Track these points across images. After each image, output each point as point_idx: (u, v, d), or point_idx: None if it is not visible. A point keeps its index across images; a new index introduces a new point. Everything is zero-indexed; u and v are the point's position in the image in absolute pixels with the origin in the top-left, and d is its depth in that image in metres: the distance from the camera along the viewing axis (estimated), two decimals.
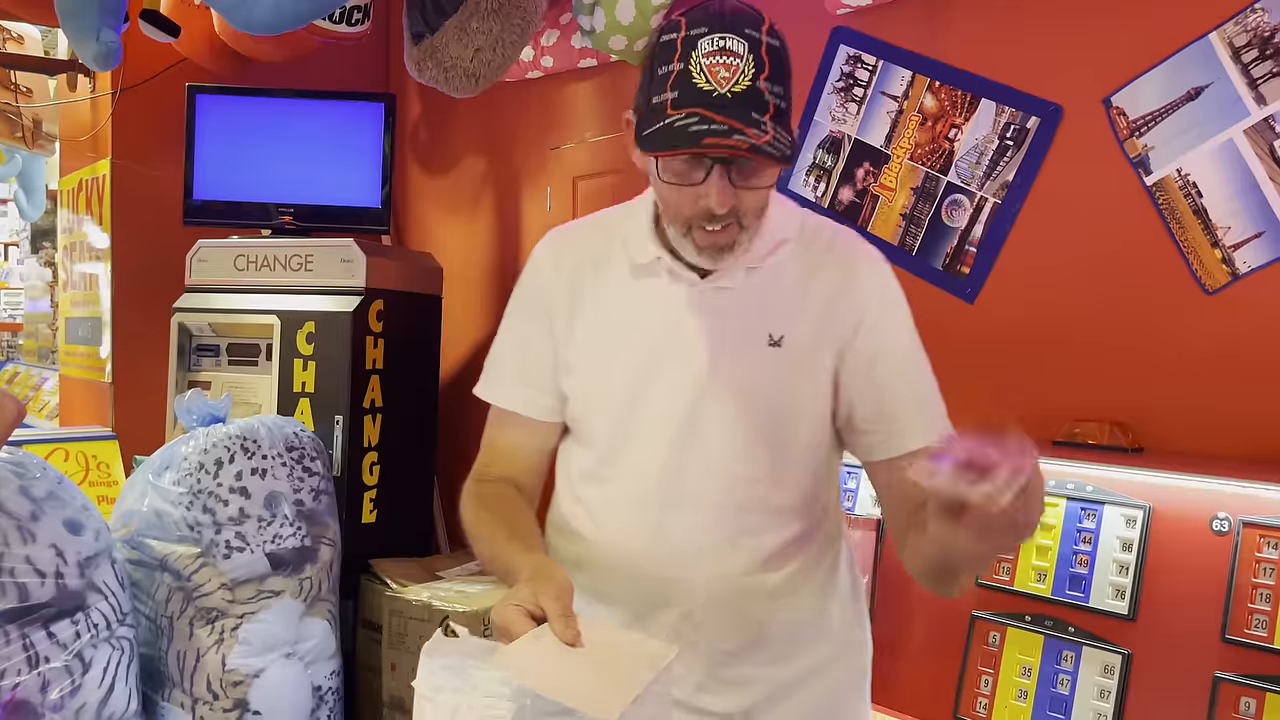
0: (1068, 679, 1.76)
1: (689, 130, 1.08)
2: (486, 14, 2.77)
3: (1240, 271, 1.74)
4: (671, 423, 1.26)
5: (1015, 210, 2.05)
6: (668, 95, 1.12)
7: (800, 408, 1.28)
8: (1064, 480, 1.87)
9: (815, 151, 2.44)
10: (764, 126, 1.09)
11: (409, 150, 3.99)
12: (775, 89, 1.11)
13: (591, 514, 1.33)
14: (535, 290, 1.36)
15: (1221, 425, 1.76)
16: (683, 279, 1.26)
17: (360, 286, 2.98)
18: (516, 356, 1.37)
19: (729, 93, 1.09)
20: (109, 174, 3.55)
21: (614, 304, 1.30)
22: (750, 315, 1.26)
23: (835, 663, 1.37)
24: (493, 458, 1.39)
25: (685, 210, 1.18)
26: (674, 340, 1.26)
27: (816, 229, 1.32)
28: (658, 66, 1.14)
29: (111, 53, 2.64)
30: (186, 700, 2.35)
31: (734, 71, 1.10)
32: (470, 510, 1.33)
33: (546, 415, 1.36)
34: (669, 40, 1.14)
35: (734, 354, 1.25)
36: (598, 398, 1.31)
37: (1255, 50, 1.71)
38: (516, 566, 1.14)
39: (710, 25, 1.11)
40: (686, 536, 1.26)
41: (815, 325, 1.27)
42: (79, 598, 2.13)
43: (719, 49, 1.10)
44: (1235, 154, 1.74)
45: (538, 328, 1.34)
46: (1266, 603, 1.57)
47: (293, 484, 2.51)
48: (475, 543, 1.30)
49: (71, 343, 4.02)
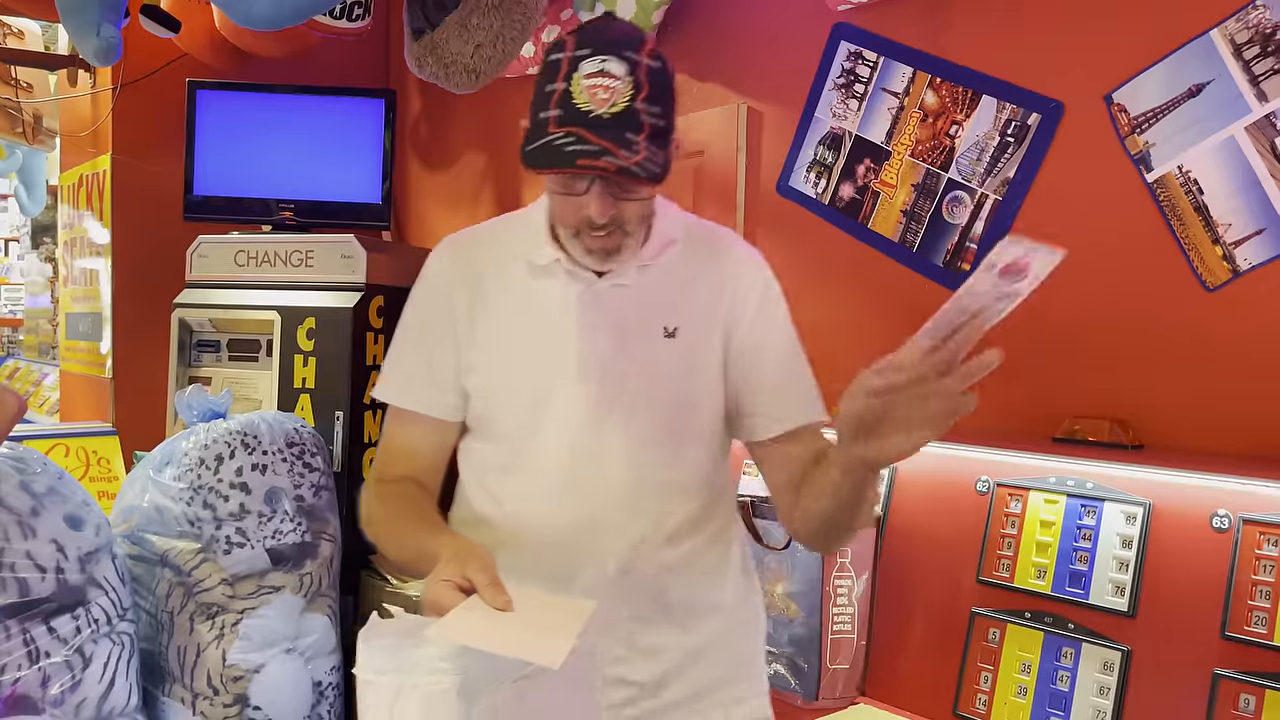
0: (1067, 675, 1.76)
1: (564, 150, 1.16)
2: (487, 10, 2.77)
3: (1241, 268, 1.74)
4: (578, 413, 1.33)
5: (1016, 207, 2.05)
6: (551, 113, 1.19)
7: (696, 394, 1.38)
8: (1064, 477, 1.87)
9: (816, 148, 2.44)
10: (636, 147, 1.16)
11: (409, 146, 3.98)
12: (653, 109, 1.19)
13: (500, 501, 1.38)
14: (436, 292, 1.40)
15: (1222, 422, 1.76)
16: (581, 278, 1.34)
17: (361, 282, 2.98)
18: (418, 357, 1.40)
19: (606, 114, 1.16)
20: (109, 169, 3.55)
21: (515, 304, 1.36)
22: (646, 309, 1.35)
23: (733, 633, 1.46)
24: (392, 457, 1.42)
25: (570, 218, 1.27)
26: (575, 335, 1.33)
27: (700, 231, 1.44)
28: (544, 84, 1.22)
29: (112, 48, 2.64)
30: (187, 695, 2.35)
31: (612, 93, 1.17)
32: (373, 507, 1.38)
33: (447, 414, 1.40)
34: (555, 60, 1.21)
35: (633, 346, 1.34)
36: (503, 394, 1.37)
37: (1257, 47, 1.71)
38: (434, 548, 1.19)
39: (593, 48, 1.19)
40: (595, 518, 1.34)
41: (705, 318, 1.37)
42: (79, 593, 2.14)
43: (599, 71, 1.17)
44: (1236, 151, 1.74)
45: (439, 329, 1.39)
46: (1266, 600, 1.57)
47: (293, 479, 2.52)
48: (380, 538, 1.35)
49: (72, 338, 4.02)
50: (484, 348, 1.37)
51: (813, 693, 1.95)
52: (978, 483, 1.99)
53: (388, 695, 1.06)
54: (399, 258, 3.09)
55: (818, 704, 1.95)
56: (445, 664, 1.05)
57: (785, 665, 2.00)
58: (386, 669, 1.07)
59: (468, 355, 1.37)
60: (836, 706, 1.97)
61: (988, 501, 1.95)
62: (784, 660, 2.00)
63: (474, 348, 1.37)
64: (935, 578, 2.02)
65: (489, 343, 1.37)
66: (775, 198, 2.54)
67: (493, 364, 1.37)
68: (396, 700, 1.06)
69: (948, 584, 1.98)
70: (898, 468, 2.14)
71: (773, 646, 2.03)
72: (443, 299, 1.39)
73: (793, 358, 1.43)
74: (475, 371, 1.37)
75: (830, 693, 1.96)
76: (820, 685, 1.95)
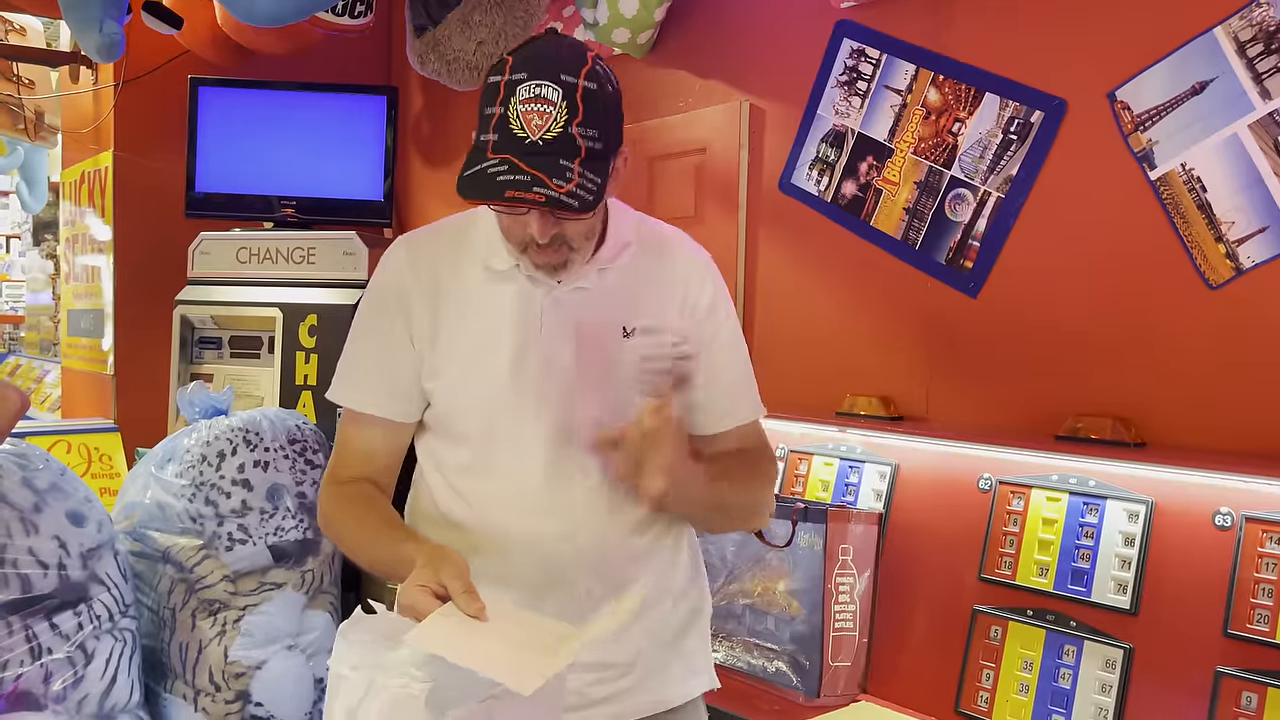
0: (1069, 673, 1.76)
1: (496, 180, 1.18)
2: (489, 7, 2.77)
3: (1244, 266, 1.74)
4: (547, 414, 1.35)
5: (1019, 205, 2.05)
6: (489, 137, 1.22)
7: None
8: (1066, 475, 1.87)
9: (819, 145, 2.44)
10: (569, 174, 1.18)
11: (411, 143, 3.98)
12: (589, 132, 1.21)
13: (473, 504, 1.39)
14: (393, 293, 1.40)
15: (1224, 420, 1.76)
16: (541, 283, 1.36)
17: (362, 279, 2.98)
18: (375, 360, 1.41)
19: (540, 140, 1.19)
20: (111, 166, 3.55)
21: (476, 307, 1.37)
22: (604, 311, 1.38)
23: (691, 613, 1.51)
24: (348, 459, 1.43)
25: (515, 235, 1.30)
26: (539, 338, 1.36)
27: (650, 231, 1.46)
28: (484, 106, 1.24)
29: (114, 45, 2.64)
30: (189, 692, 2.35)
31: (546, 119, 1.19)
32: (334, 509, 1.40)
33: (404, 417, 1.41)
34: (494, 82, 1.23)
35: (595, 347, 1.37)
36: (470, 396, 1.38)
37: (1260, 45, 1.71)
38: (407, 554, 1.22)
39: (529, 71, 1.20)
40: (565, 518, 1.36)
41: (660, 315, 1.41)
42: (81, 589, 2.14)
43: (534, 96, 1.19)
44: (1240, 148, 1.74)
45: (396, 331, 1.39)
46: (1268, 598, 1.57)
47: (295, 476, 2.52)
48: (344, 540, 1.38)
49: (73, 335, 4.03)
50: (445, 351, 1.37)
51: (814, 690, 1.95)
52: (980, 480, 1.99)
53: (356, 691, 1.07)
54: None
55: (819, 701, 1.95)
56: (418, 670, 1.06)
57: (787, 662, 2.00)
58: (360, 666, 1.08)
59: (429, 359, 1.38)
60: (838, 704, 1.97)
61: (990, 499, 1.95)
62: (785, 657, 2.00)
63: (435, 352, 1.38)
64: (937, 575, 2.02)
65: (451, 346, 1.37)
66: (777, 195, 2.54)
67: (455, 368, 1.37)
68: (364, 698, 1.06)
69: (950, 581, 1.98)
70: (899, 464, 2.14)
71: (774, 644, 2.03)
72: (399, 300, 1.39)
73: (740, 356, 1.50)
74: (438, 375, 1.38)
75: (832, 690, 1.96)
76: (822, 683, 1.95)
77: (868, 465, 2.20)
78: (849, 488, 2.22)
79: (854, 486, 2.21)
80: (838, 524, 1.99)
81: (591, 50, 1.26)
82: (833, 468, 2.27)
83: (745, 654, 2.08)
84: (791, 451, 2.37)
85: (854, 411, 2.25)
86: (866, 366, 2.33)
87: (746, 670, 2.07)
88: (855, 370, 2.35)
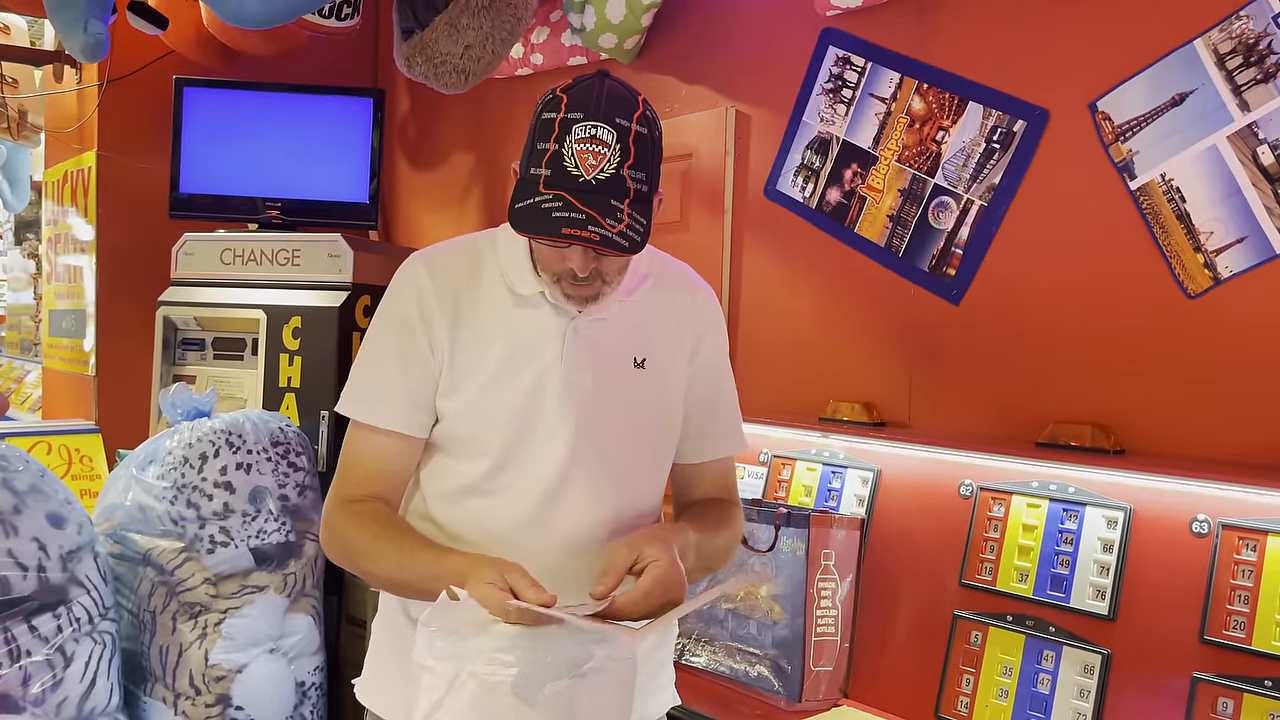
0: (1048, 678, 1.77)
1: (551, 216, 1.22)
2: (477, 10, 2.77)
3: (1222, 276, 1.76)
4: (562, 439, 1.38)
5: (1001, 213, 2.06)
6: (542, 172, 1.24)
7: (662, 419, 1.48)
8: (1046, 481, 1.88)
9: (803, 152, 2.45)
10: (620, 215, 1.22)
11: (397, 146, 3.98)
12: (638, 175, 1.25)
13: (479, 521, 1.40)
14: (415, 308, 1.39)
15: (1202, 428, 1.78)
16: (564, 312, 1.39)
17: (347, 282, 2.97)
18: (395, 374, 1.39)
19: (594, 179, 1.22)
20: (95, 166, 3.53)
21: (498, 329, 1.39)
22: (620, 342, 1.43)
23: (668, 633, 1.58)
24: (361, 476, 1.41)
25: (553, 267, 1.34)
26: (560, 366, 1.39)
27: (661, 265, 1.51)
28: (536, 140, 1.26)
29: (99, 44, 2.63)
30: (169, 695, 2.34)
31: (600, 160, 1.22)
32: (350, 530, 1.37)
33: (422, 432, 1.41)
34: (549, 119, 1.25)
35: (609, 376, 1.41)
36: (490, 417, 1.39)
37: (1239, 57, 1.73)
38: (452, 565, 1.25)
39: (585, 112, 1.23)
40: (572, 538, 1.39)
41: (671, 348, 1.47)
42: (61, 591, 2.13)
43: (590, 137, 1.23)
44: (1219, 160, 1.76)
45: (416, 346, 1.39)
46: (1244, 604, 1.59)
47: (278, 479, 2.51)
48: (364, 559, 1.36)
49: (55, 335, 4.00)
50: (464, 370, 1.38)
51: (796, 695, 1.96)
52: (961, 486, 2.00)
53: (444, 681, 1.08)
54: (386, 257, 3.08)
55: (801, 706, 1.96)
56: (504, 655, 1.09)
57: (769, 667, 2.01)
58: (444, 655, 1.09)
59: (446, 375, 1.39)
60: (820, 708, 1.97)
61: (971, 505, 1.97)
62: (767, 662, 2.01)
63: (453, 369, 1.38)
64: (918, 580, 2.03)
65: (472, 366, 1.38)
66: (763, 201, 2.55)
67: (474, 388, 1.38)
68: (452, 686, 1.07)
69: (931, 587, 1.99)
70: (881, 470, 2.15)
71: (756, 648, 2.03)
72: (422, 315, 1.39)
73: (731, 389, 1.57)
74: (458, 393, 1.38)
75: (813, 695, 1.97)
76: (803, 687, 1.96)
77: (850, 470, 2.21)
78: (831, 493, 2.23)
79: (836, 492, 2.22)
80: (820, 529, 2.00)
81: (641, 94, 1.29)
82: (815, 473, 2.28)
83: (727, 658, 2.09)
84: (775, 456, 2.37)
85: (837, 417, 2.26)
86: (850, 372, 2.34)
87: (728, 675, 2.07)
88: (838, 376, 2.36)
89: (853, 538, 2.05)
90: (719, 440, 1.54)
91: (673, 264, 1.54)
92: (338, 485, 1.42)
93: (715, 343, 1.53)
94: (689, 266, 1.57)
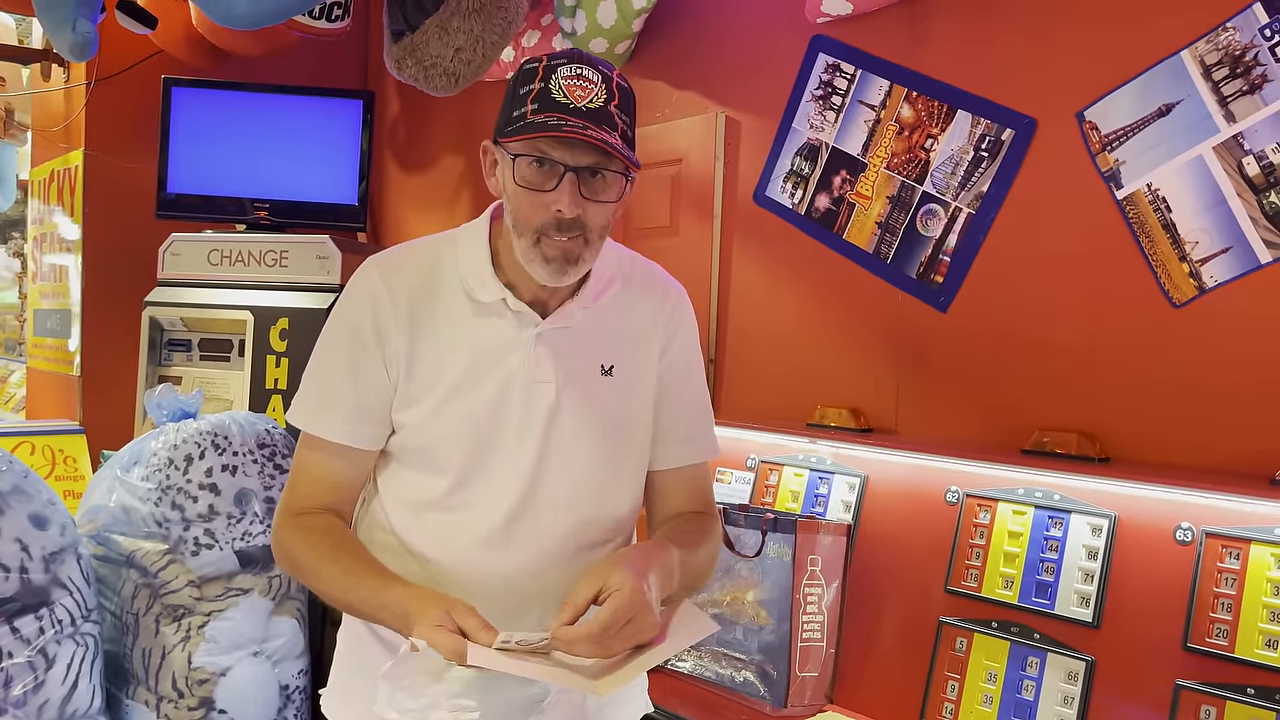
0: (1032, 685, 1.78)
1: (549, 124, 1.19)
2: (468, 13, 2.77)
3: (1207, 286, 1.77)
4: (527, 453, 1.33)
5: (989, 221, 2.07)
6: (528, 107, 1.22)
7: (632, 427, 1.41)
8: (1032, 489, 1.89)
9: (793, 159, 2.46)
10: (613, 141, 1.20)
11: (387, 148, 3.97)
12: (624, 117, 1.25)
13: (439, 537, 1.35)
14: (368, 317, 1.33)
15: (1186, 436, 1.79)
16: (526, 320, 1.34)
17: (335, 283, 2.96)
18: (347, 385, 1.34)
19: (584, 107, 1.21)
20: (81, 165, 3.51)
21: (457, 339, 1.34)
22: (586, 350, 1.37)
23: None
24: (311, 489, 1.36)
25: (535, 218, 1.25)
26: (523, 376, 1.33)
27: (631, 266, 1.45)
28: (519, 88, 1.25)
29: (87, 43, 2.62)
30: (151, 698, 2.33)
31: (589, 93, 1.22)
32: (298, 544, 1.33)
33: (373, 444, 1.36)
34: (530, 68, 1.25)
35: (575, 385, 1.36)
36: (449, 431, 1.33)
37: (1226, 68, 1.74)
38: (397, 600, 1.20)
39: (569, 59, 1.25)
40: (539, 554, 1.35)
41: (640, 354, 1.42)
42: (43, 593, 2.11)
43: (576, 75, 1.23)
44: (1204, 170, 1.77)
45: (370, 357, 1.33)
46: (1227, 612, 1.60)
47: (263, 481, 2.50)
48: (311, 576, 1.32)
49: (40, 335, 3.98)
50: (423, 382, 1.33)
51: (781, 700, 1.96)
52: (947, 493, 2.01)
53: None
54: None
55: (786, 711, 1.96)
56: (464, 700, 1.08)
57: (754, 673, 2.01)
58: (406, 709, 1.08)
59: (403, 388, 1.33)
60: (805, 714, 1.97)
61: (957, 512, 1.97)
62: (753, 668, 2.01)
63: (410, 381, 1.33)
64: (904, 587, 2.03)
65: (430, 378, 1.33)
66: (752, 207, 2.56)
67: (434, 400, 1.33)
68: None
69: (916, 593, 2.00)
70: (868, 476, 2.16)
71: (742, 653, 2.03)
72: (375, 325, 1.33)
73: (703, 392, 1.51)
74: (415, 405, 1.33)
75: (799, 700, 1.97)
76: (789, 693, 1.96)
77: (837, 476, 2.22)
78: (818, 499, 2.23)
79: (823, 497, 2.22)
80: (807, 534, 2.00)
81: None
82: (802, 478, 2.28)
83: (713, 663, 2.09)
84: (762, 462, 2.38)
85: (824, 423, 2.26)
86: (837, 378, 2.34)
87: (714, 680, 2.07)
88: (826, 382, 2.37)
89: (839, 543, 2.05)
90: (689, 444, 1.47)
91: (641, 264, 1.48)
92: (287, 496, 1.38)
93: (685, 342, 1.47)
94: (659, 266, 1.51)
